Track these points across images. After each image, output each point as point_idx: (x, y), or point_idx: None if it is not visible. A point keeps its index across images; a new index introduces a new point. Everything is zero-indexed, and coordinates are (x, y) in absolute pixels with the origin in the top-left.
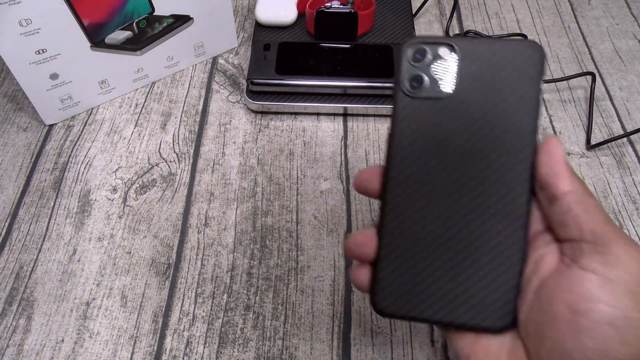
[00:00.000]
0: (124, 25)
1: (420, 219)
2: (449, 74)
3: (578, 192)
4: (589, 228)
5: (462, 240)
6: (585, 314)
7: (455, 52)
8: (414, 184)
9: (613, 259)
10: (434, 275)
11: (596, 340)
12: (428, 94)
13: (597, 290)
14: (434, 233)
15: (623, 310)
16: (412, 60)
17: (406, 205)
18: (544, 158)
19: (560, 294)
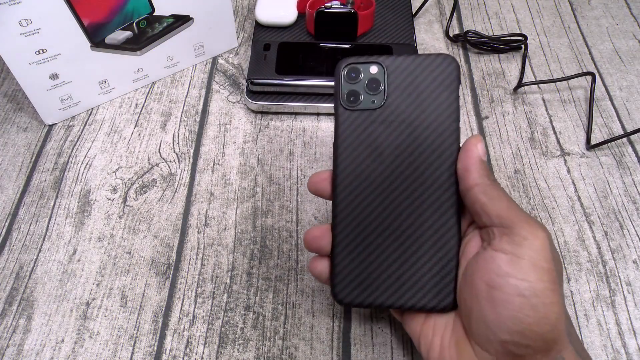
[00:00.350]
0: (124, 25)
1: (367, 215)
2: (379, 89)
3: (484, 184)
4: (495, 214)
5: (404, 233)
6: (499, 288)
7: (383, 69)
8: (358, 185)
9: (519, 239)
10: (384, 265)
11: (510, 310)
12: (363, 106)
13: (507, 267)
14: (380, 227)
15: (530, 282)
16: (347, 79)
17: (353, 204)
18: (461, 155)
19: (479, 272)
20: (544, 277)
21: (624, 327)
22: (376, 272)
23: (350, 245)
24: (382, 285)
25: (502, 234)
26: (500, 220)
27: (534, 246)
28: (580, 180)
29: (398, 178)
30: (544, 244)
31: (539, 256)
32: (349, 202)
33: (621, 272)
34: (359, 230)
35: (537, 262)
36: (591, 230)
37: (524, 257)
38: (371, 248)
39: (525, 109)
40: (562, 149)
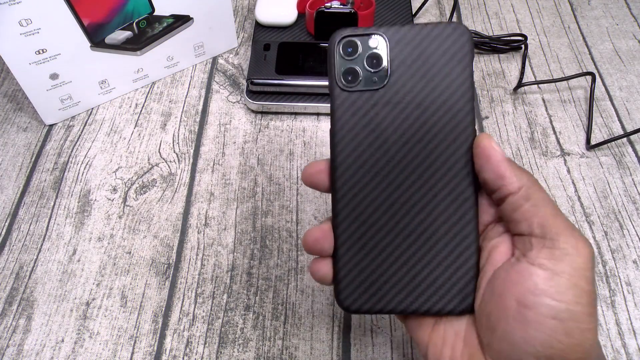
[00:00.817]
0: (124, 25)
1: (372, 212)
2: (381, 65)
3: (526, 187)
4: (537, 222)
5: (415, 229)
6: (532, 307)
7: (385, 42)
8: (361, 178)
9: (559, 253)
10: (393, 267)
11: (542, 332)
12: (363, 86)
13: (544, 285)
14: (387, 225)
15: (567, 304)
16: (344, 54)
17: (357, 200)
18: (483, 163)
19: (510, 287)
20: (582, 299)
21: (624, 327)
22: (386, 275)
23: (355, 246)
24: (393, 289)
25: (542, 246)
26: (543, 230)
27: (576, 263)
28: (580, 180)
29: (405, 168)
30: (587, 261)
31: (580, 275)
32: (351, 197)
33: (621, 272)
34: (363, 228)
35: (578, 282)
36: (591, 230)
37: (563, 274)
38: (378, 248)
39: (525, 109)
40: (562, 149)
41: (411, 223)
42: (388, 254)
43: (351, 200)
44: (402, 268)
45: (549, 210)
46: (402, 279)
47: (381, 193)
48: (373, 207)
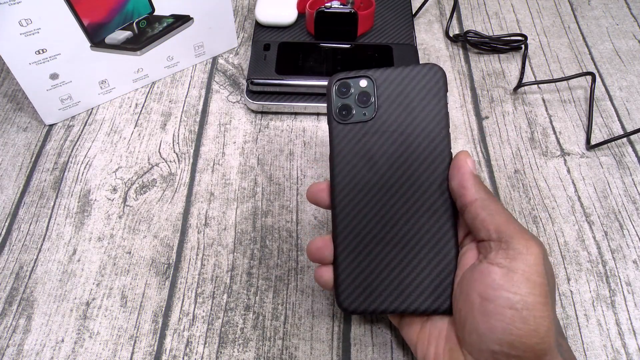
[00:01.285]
0: (124, 25)
1: (366, 224)
2: (370, 101)
3: (482, 199)
4: (493, 228)
5: (403, 239)
6: (492, 300)
7: (372, 82)
8: (356, 195)
9: (513, 253)
10: (385, 273)
11: (502, 322)
12: (356, 119)
13: (501, 280)
14: (379, 235)
15: (522, 295)
16: (339, 94)
17: (352, 214)
18: (453, 172)
19: (473, 285)
20: (535, 290)
21: (624, 327)
22: (378, 279)
23: (352, 255)
24: (385, 291)
25: (499, 248)
26: (499, 234)
27: (528, 260)
28: (580, 180)
29: (394, 186)
30: (537, 258)
31: (532, 270)
32: (348, 212)
33: (621, 272)
34: (359, 239)
35: (530, 276)
36: (591, 230)
37: (517, 271)
38: (372, 256)
39: (525, 109)
40: (562, 149)
41: (399, 234)
42: (380, 262)
43: (348, 216)
44: (393, 274)
45: (503, 218)
46: (392, 283)
47: (374, 209)
48: (367, 221)
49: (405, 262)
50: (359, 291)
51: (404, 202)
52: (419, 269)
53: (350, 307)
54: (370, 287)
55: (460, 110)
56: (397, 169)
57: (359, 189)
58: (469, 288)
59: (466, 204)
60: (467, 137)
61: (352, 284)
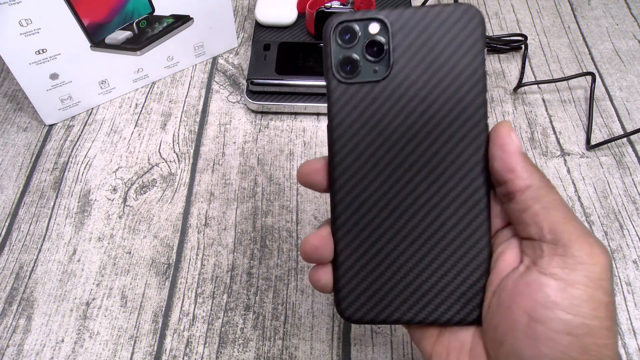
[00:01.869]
0: (124, 25)
1: (375, 215)
2: (383, 53)
3: (536, 187)
4: (548, 227)
5: (421, 235)
6: (543, 322)
7: (386, 28)
8: (362, 178)
9: (573, 262)
10: (397, 274)
11: (555, 349)
12: (363, 77)
13: (556, 297)
14: (392, 229)
15: (582, 318)
16: (341, 42)
17: (358, 202)
18: (496, 151)
19: (518, 299)
20: (600, 312)
21: (624, 327)
22: (389, 283)
23: (357, 252)
24: (398, 297)
25: (554, 253)
26: (554, 235)
27: (592, 273)
28: (580, 181)
29: (411, 167)
30: (604, 270)
31: (596, 286)
32: (351, 199)
33: (621, 272)
34: (365, 232)
35: (594, 294)
36: (591, 230)
37: (578, 286)
38: (381, 254)
39: (525, 109)
40: (562, 149)
41: (417, 227)
42: (392, 261)
43: (352, 203)
44: (407, 276)
45: (561, 214)
46: (407, 288)
47: (384, 195)
48: (375, 210)
49: (423, 263)
50: (365, 297)
51: (424, 188)
52: (441, 270)
53: (354, 316)
54: (379, 292)
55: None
56: (416, 144)
57: (365, 169)
58: (512, 302)
59: (514, 191)
60: None
61: (356, 288)
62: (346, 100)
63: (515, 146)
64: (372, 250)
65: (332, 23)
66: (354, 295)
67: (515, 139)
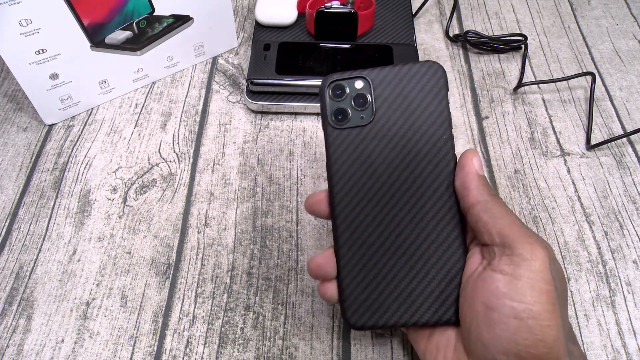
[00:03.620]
0: (124, 25)
1: (369, 235)
2: (367, 104)
3: (485, 201)
4: (496, 232)
5: (408, 249)
6: (496, 309)
7: (368, 83)
8: (356, 205)
9: (517, 259)
10: (391, 285)
11: (506, 331)
12: (352, 123)
13: (505, 288)
14: (384, 247)
15: (527, 304)
16: (333, 97)
17: (354, 225)
18: (458, 172)
19: (477, 292)
20: (541, 298)
21: (624, 327)
22: (384, 293)
23: (356, 268)
24: (393, 304)
25: (502, 253)
26: (502, 239)
27: (533, 267)
28: (580, 180)
29: (396, 193)
30: (543, 264)
31: (537, 277)
32: (349, 223)
33: (621, 272)
34: (362, 251)
35: (535, 283)
36: (591, 230)
37: (522, 278)
38: (377, 268)
39: (525, 109)
40: (562, 149)
41: (404, 244)
42: (386, 273)
43: (349, 226)
44: (399, 285)
45: (506, 221)
46: (399, 296)
47: (376, 218)
48: (369, 232)
49: (411, 272)
50: (366, 306)
51: (408, 210)
52: (426, 278)
53: (358, 323)
54: (378, 300)
55: (460, 110)
56: (399, 175)
57: (359, 197)
58: (473, 296)
59: (468, 205)
60: (467, 137)
61: (358, 298)
62: (340, 142)
63: (473, 168)
64: (369, 265)
65: (326, 82)
66: (356, 306)
67: (477, 163)
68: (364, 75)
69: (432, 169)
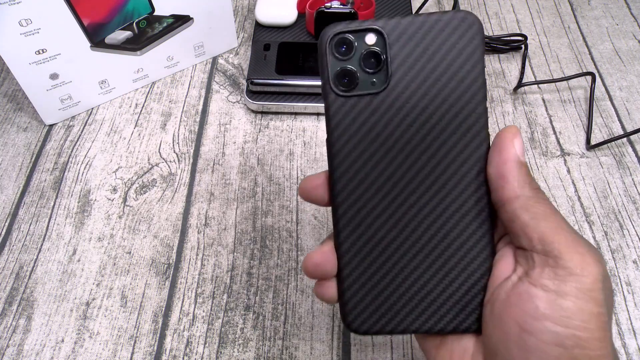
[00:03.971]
0: (124, 25)
1: (377, 228)
2: (380, 65)
3: (526, 197)
4: (537, 238)
5: (424, 247)
6: (533, 334)
7: (383, 38)
8: (364, 192)
9: (563, 273)
10: (402, 286)
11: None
12: (361, 90)
13: (545, 309)
14: (394, 242)
15: (572, 329)
16: (337, 54)
17: (360, 216)
18: (493, 156)
19: (510, 310)
20: (591, 323)
21: (624, 327)
22: (394, 294)
23: (360, 265)
24: (403, 308)
25: (545, 264)
26: (545, 245)
27: (583, 284)
28: (580, 181)
29: (412, 180)
30: (595, 281)
31: (587, 297)
32: (353, 213)
33: (621, 272)
34: (368, 246)
35: (585, 305)
36: (591, 230)
37: (568, 297)
38: (385, 266)
39: (525, 109)
40: (562, 149)
41: (419, 240)
42: (396, 273)
43: (354, 217)
44: (411, 287)
45: (550, 224)
46: (411, 299)
47: (386, 208)
48: (378, 223)
49: (427, 273)
50: (371, 309)
51: (426, 199)
52: (444, 281)
53: (360, 328)
54: (385, 304)
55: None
56: (417, 156)
57: (366, 182)
58: (504, 312)
59: (504, 200)
60: None
61: (361, 300)
62: (344, 114)
63: (512, 153)
64: (376, 263)
65: (328, 34)
66: (360, 308)
67: (518, 146)
68: (377, 26)
69: (459, 151)
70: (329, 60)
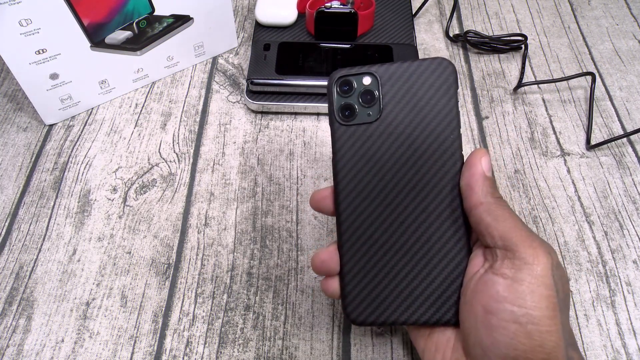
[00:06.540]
0: (124, 25)
1: (373, 233)
2: (374, 100)
3: (488, 203)
4: (498, 235)
5: (411, 248)
6: (495, 313)
7: (376, 80)
8: (361, 202)
9: (519, 263)
10: (393, 283)
11: (505, 336)
12: (359, 120)
13: (505, 292)
14: (387, 245)
15: (526, 309)
16: (340, 92)
17: (358, 222)
18: (464, 171)
19: (477, 295)
20: (542, 303)
21: (624, 327)
22: (386, 290)
23: (359, 265)
24: (394, 302)
25: (505, 257)
26: (504, 242)
27: (535, 271)
28: (580, 180)
29: (401, 193)
30: (545, 268)
31: (538, 282)
32: (353, 220)
33: (621, 272)
34: (365, 248)
35: (536, 289)
36: (591, 230)
37: (522, 282)
38: (379, 265)
39: (525, 109)
40: (562, 149)
41: (408, 243)
42: (388, 271)
43: (353, 224)
44: (401, 284)
45: (509, 223)
46: (401, 294)
47: (380, 216)
48: (373, 229)
49: (413, 271)
50: (367, 303)
51: (413, 209)
52: (428, 278)
53: (358, 319)
54: (379, 298)
55: (460, 110)
56: (405, 173)
57: (364, 195)
58: (473, 299)
59: (471, 206)
60: (467, 137)
61: (359, 295)
62: (347, 139)
63: (479, 169)
64: (372, 263)
65: (334, 77)
66: (358, 302)
67: (485, 163)
68: (372, 71)
69: (438, 168)
70: (334, 97)
